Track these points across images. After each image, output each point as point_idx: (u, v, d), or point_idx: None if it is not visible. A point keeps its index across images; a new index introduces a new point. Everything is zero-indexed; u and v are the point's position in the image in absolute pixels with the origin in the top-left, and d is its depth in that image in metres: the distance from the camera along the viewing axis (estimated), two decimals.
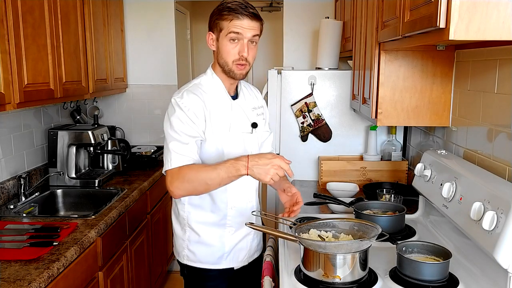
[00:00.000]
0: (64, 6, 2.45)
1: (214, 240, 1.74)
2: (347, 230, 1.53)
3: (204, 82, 1.71)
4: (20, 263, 1.68)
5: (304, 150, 2.82)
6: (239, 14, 1.58)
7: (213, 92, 1.69)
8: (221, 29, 1.61)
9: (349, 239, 1.49)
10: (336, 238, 1.47)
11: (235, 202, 1.74)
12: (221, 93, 1.71)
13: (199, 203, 1.72)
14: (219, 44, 1.64)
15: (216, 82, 1.70)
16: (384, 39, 1.82)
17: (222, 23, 1.60)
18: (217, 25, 1.62)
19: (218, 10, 1.62)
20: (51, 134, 2.78)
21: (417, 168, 1.95)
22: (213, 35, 1.66)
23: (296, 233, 1.47)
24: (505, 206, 1.27)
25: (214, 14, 1.64)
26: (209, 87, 1.69)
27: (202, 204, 1.72)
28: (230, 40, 1.60)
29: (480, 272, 1.44)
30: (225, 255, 1.76)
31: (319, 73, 2.77)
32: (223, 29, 1.61)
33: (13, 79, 1.97)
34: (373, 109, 2.02)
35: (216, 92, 1.70)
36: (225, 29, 1.60)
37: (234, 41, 1.61)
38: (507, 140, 1.52)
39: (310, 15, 3.41)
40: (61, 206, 2.70)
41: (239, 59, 1.63)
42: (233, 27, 1.59)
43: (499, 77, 1.58)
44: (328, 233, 1.52)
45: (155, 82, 3.68)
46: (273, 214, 1.73)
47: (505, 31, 1.12)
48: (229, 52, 1.62)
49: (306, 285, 1.42)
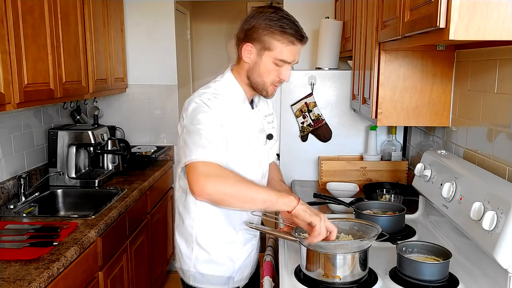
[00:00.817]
0: (64, 6, 2.45)
1: (224, 259, 1.62)
2: (347, 230, 1.53)
3: (223, 88, 1.56)
4: (20, 263, 1.68)
5: (304, 150, 2.82)
6: (295, 38, 1.46)
7: (233, 101, 1.55)
8: (269, 49, 1.47)
9: (349, 239, 1.49)
10: (336, 238, 1.47)
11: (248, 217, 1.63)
12: (242, 102, 1.58)
13: (211, 219, 1.58)
14: (259, 61, 1.50)
15: (238, 91, 1.57)
16: (384, 39, 1.82)
17: (274, 43, 1.46)
18: (264, 41, 1.46)
19: (270, 26, 1.45)
20: (51, 134, 2.77)
21: (417, 168, 1.95)
22: (253, 48, 1.49)
23: (296, 233, 1.47)
24: (505, 206, 1.27)
25: (262, 27, 1.46)
26: (229, 95, 1.55)
27: (215, 220, 1.59)
28: (275, 64, 1.49)
29: (480, 272, 1.44)
30: (234, 275, 1.65)
31: (319, 73, 2.77)
32: (272, 50, 1.47)
33: (13, 79, 1.97)
34: (373, 109, 2.02)
35: (236, 101, 1.56)
36: (275, 51, 1.46)
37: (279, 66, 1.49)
38: (507, 140, 1.52)
39: (310, 15, 3.41)
40: (61, 206, 2.70)
41: (278, 82, 1.53)
42: (287, 53, 1.47)
43: (499, 77, 1.58)
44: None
45: (155, 82, 3.68)
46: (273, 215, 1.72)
47: (505, 31, 1.12)
48: (269, 73, 1.50)
49: (306, 285, 1.42)
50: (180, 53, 3.92)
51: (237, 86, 1.57)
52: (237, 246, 1.64)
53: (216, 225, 1.59)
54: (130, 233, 2.59)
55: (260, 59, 1.50)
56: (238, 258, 1.65)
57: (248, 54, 1.51)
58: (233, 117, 1.51)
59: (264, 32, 1.46)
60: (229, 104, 1.52)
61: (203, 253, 1.60)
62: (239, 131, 1.53)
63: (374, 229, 1.45)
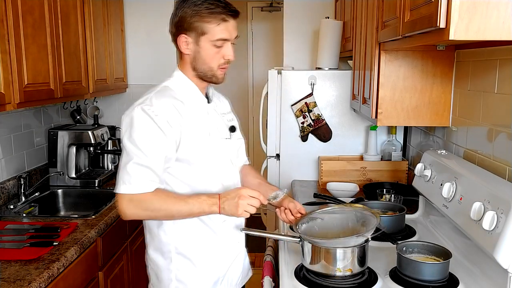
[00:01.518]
0: (64, 6, 2.45)
1: (207, 263, 1.53)
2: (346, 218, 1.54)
3: (174, 85, 1.52)
4: (20, 263, 1.68)
5: (304, 150, 2.82)
6: (225, 15, 1.42)
7: (187, 96, 1.51)
8: (204, 33, 1.43)
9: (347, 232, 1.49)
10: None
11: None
12: (196, 97, 1.53)
13: (185, 223, 1.49)
14: (199, 49, 1.46)
15: (190, 85, 1.52)
16: (384, 39, 1.82)
17: (205, 26, 1.42)
18: (196, 27, 1.43)
19: (197, 11, 1.42)
20: (51, 134, 2.77)
21: (417, 168, 1.95)
22: (188, 38, 1.46)
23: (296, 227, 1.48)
24: (505, 206, 1.27)
25: (189, 14, 1.43)
26: (182, 91, 1.51)
27: (190, 224, 1.50)
28: (214, 46, 1.45)
29: (480, 272, 1.44)
30: (220, 279, 1.56)
31: (319, 73, 2.77)
32: (207, 34, 1.43)
33: (13, 79, 1.97)
34: (373, 109, 2.02)
35: (190, 96, 1.52)
36: (209, 34, 1.43)
37: (219, 46, 1.45)
38: (507, 140, 1.52)
39: (310, 15, 3.41)
40: (61, 206, 2.70)
41: (224, 63, 1.49)
42: (221, 33, 1.43)
43: (499, 77, 1.58)
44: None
45: (155, 82, 3.59)
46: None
47: (505, 31, 1.12)
48: (213, 58, 1.46)
49: (306, 285, 1.42)
50: None
51: (188, 81, 1.52)
52: (218, 247, 1.54)
53: (192, 228, 1.50)
54: (130, 233, 2.59)
55: (198, 47, 1.46)
56: (222, 260, 1.56)
57: (185, 46, 1.47)
58: (187, 111, 1.47)
59: (194, 19, 1.42)
60: (182, 99, 1.48)
61: (184, 261, 1.51)
62: (196, 124, 1.48)
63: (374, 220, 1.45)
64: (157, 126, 1.38)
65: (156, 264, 1.55)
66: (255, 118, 5.04)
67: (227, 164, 1.57)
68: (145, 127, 1.39)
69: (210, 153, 1.50)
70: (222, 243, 1.55)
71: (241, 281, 1.65)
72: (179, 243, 1.51)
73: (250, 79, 5.31)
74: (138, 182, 1.37)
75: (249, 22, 5.18)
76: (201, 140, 1.48)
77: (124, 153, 1.41)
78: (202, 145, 1.48)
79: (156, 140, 1.39)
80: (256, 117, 4.91)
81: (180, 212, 1.41)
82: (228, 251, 1.57)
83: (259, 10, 5.12)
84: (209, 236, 1.52)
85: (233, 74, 5.29)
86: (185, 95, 1.51)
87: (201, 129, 1.49)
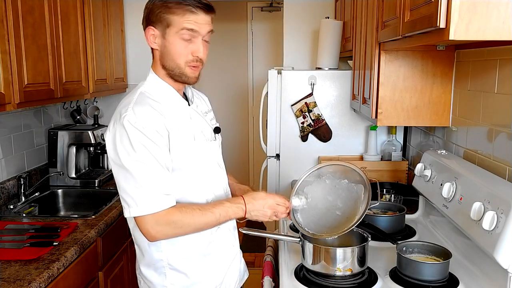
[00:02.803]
0: (64, 6, 2.45)
1: (203, 274, 1.47)
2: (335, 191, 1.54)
3: (150, 89, 1.42)
4: (20, 263, 1.68)
5: (304, 150, 2.82)
6: (192, 7, 1.33)
7: (166, 100, 1.41)
8: (169, 25, 1.34)
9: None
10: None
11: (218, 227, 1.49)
12: (175, 99, 1.43)
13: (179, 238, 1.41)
14: (165, 43, 1.37)
15: (165, 87, 1.42)
16: (384, 39, 1.82)
17: (171, 17, 1.34)
18: (162, 19, 1.35)
19: (165, 2, 1.35)
20: (51, 134, 2.77)
21: (417, 168, 1.95)
22: (155, 30, 1.37)
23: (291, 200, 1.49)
24: (505, 206, 1.27)
25: (157, 5, 1.36)
26: (159, 94, 1.41)
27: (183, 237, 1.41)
28: (181, 39, 1.35)
29: (480, 272, 1.44)
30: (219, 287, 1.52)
31: (319, 73, 2.77)
32: (172, 25, 1.34)
33: (13, 79, 1.97)
34: (373, 109, 2.02)
35: (168, 99, 1.42)
36: (175, 25, 1.34)
37: (187, 40, 1.36)
38: (507, 140, 1.52)
39: (310, 15, 3.41)
40: (61, 206, 2.70)
41: (193, 60, 1.38)
42: (187, 23, 1.33)
43: (499, 77, 1.58)
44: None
45: None
46: None
47: (505, 31, 1.12)
48: (180, 53, 1.36)
49: (306, 285, 1.42)
50: None
51: (162, 84, 1.43)
52: (213, 256, 1.49)
53: (186, 241, 1.42)
54: (130, 233, 2.58)
55: (165, 40, 1.37)
56: (218, 268, 1.50)
57: (152, 39, 1.39)
58: (170, 117, 1.37)
59: (161, 10, 1.34)
60: (162, 104, 1.38)
61: (179, 276, 1.44)
62: (180, 129, 1.39)
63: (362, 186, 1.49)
64: (148, 139, 1.29)
65: (150, 281, 1.47)
66: (255, 118, 5.04)
67: (215, 168, 1.52)
68: (138, 141, 1.28)
69: (197, 158, 1.43)
70: (217, 251, 1.50)
71: (238, 284, 1.62)
72: (172, 258, 1.43)
73: (250, 79, 5.31)
74: (158, 200, 1.29)
75: (249, 22, 5.18)
76: (186, 145, 1.40)
77: (122, 172, 1.30)
78: (188, 151, 1.40)
79: (153, 152, 1.30)
80: (256, 117, 4.91)
81: (208, 224, 1.37)
82: (223, 258, 1.52)
83: (259, 10, 5.12)
84: (203, 247, 1.46)
85: (233, 74, 5.30)
86: (164, 99, 1.41)
87: (185, 134, 1.40)
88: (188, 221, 1.33)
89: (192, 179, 1.42)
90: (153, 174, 1.29)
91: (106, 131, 1.37)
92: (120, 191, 1.33)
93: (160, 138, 1.31)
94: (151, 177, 1.29)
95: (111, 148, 1.32)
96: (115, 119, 1.35)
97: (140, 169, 1.28)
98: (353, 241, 1.52)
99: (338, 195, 1.52)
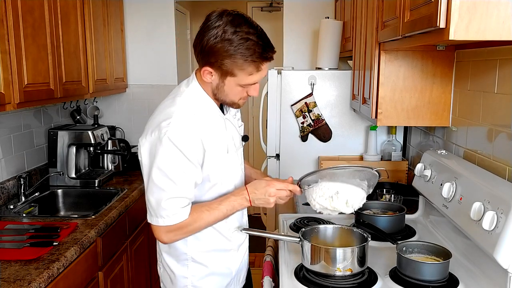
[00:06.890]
0: (64, 6, 2.45)
1: (222, 268, 1.57)
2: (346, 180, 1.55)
3: (192, 99, 1.43)
4: (20, 263, 1.68)
5: (304, 150, 2.82)
6: (260, 63, 1.34)
7: (205, 112, 1.44)
8: (232, 75, 1.35)
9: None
10: None
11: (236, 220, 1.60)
12: (214, 112, 1.47)
13: (204, 235, 1.52)
14: (223, 85, 1.39)
15: (207, 101, 1.45)
16: (384, 39, 1.82)
17: (236, 71, 1.33)
18: (225, 67, 1.33)
19: (229, 53, 1.29)
20: (51, 134, 2.77)
21: (417, 168, 1.95)
22: (213, 71, 1.36)
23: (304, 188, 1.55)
24: (505, 206, 1.27)
25: (221, 53, 1.30)
26: (199, 106, 1.43)
27: (207, 234, 1.52)
28: (242, 87, 1.39)
29: (480, 272, 1.44)
30: (232, 281, 1.62)
31: (319, 73, 2.77)
32: (236, 76, 1.35)
33: (13, 79, 1.97)
34: (373, 109, 2.02)
35: (208, 111, 1.45)
36: (238, 78, 1.35)
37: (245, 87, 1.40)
38: (507, 140, 1.52)
39: (310, 15, 3.41)
40: (61, 206, 2.70)
41: (246, 97, 1.45)
42: (252, 79, 1.37)
43: (499, 77, 1.58)
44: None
45: (155, 82, 3.68)
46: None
47: (505, 31, 1.12)
48: (236, 95, 1.42)
49: (306, 285, 1.42)
50: (180, 53, 3.92)
51: (205, 96, 1.45)
52: (232, 253, 1.60)
53: (209, 238, 1.53)
54: (130, 233, 2.59)
55: (223, 84, 1.38)
56: (235, 264, 1.61)
57: (209, 77, 1.38)
58: (207, 131, 1.41)
59: (225, 60, 1.31)
60: (202, 117, 1.41)
61: (201, 268, 1.54)
62: (216, 143, 1.44)
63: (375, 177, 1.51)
64: (185, 158, 1.34)
65: (171, 270, 1.56)
66: (255, 118, 5.04)
67: (239, 174, 1.60)
68: (174, 158, 1.34)
69: (227, 170, 1.51)
70: (235, 247, 1.61)
71: (244, 276, 1.72)
72: (196, 252, 1.53)
73: None
74: (174, 214, 1.38)
75: None
76: (219, 160, 1.47)
77: (153, 182, 1.36)
78: (220, 164, 1.47)
79: (187, 171, 1.36)
80: (256, 117, 4.90)
81: (217, 219, 1.46)
82: (238, 254, 1.63)
83: (259, 10, 5.12)
84: (223, 244, 1.57)
85: None
86: (203, 110, 1.43)
87: (220, 147, 1.46)
88: (198, 224, 1.42)
89: (218, 187, 1.51)
90: (178, 192, 1.37)
91: (142, 135, 1.41)
92: (146, 193, 1.41)
93: (197, 157, 1.38)
94: (175, 194, 1.36)
95: (146, 156, 1.38)
96: (154, 126, 1.37)
97: (167, 187, 1.36)
98: (353, 241, 1.52)
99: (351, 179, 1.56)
